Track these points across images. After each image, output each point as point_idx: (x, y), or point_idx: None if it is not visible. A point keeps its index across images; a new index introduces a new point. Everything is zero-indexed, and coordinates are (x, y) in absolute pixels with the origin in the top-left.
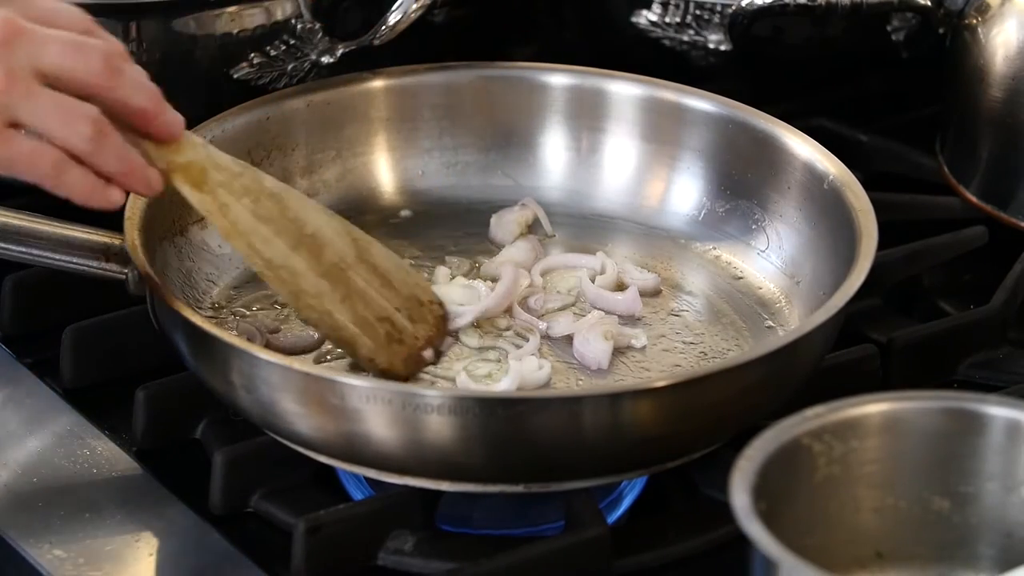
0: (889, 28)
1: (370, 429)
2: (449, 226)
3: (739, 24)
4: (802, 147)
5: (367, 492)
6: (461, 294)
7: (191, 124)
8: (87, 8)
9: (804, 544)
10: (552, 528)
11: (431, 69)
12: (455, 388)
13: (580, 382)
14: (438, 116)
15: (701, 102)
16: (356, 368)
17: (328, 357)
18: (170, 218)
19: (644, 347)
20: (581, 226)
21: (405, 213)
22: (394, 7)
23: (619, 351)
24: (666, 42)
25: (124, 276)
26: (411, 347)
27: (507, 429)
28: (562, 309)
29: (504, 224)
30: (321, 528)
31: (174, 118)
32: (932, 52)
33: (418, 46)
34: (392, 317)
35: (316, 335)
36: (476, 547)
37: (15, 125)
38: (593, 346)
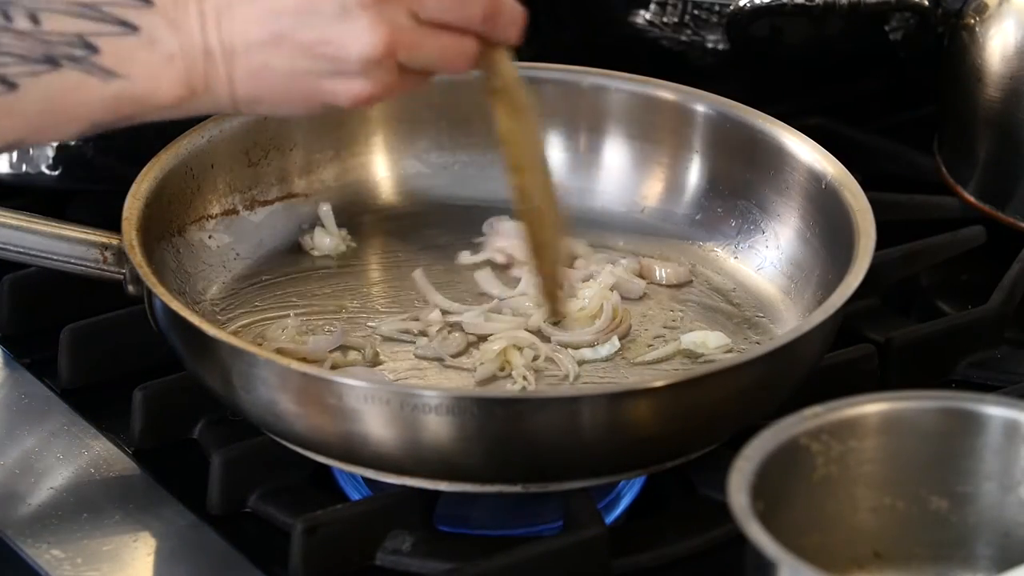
0: (887, 28)
1: (368, 429)
2: (447, 226)
3: (737, 24)
4: (800, 147)
5: (365, 492)
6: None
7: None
8: None
9: (802, 544)
10: (550, 528)
11: None
12: (453, 388)
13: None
14: (436, 116)
15: (698, 102)
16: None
17: None
18: (168, 218)
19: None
20: (577, 225)
21: (404, 213)
22: None
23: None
24: (664, 42)
25: (122, 276)
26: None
27: (505, 429)
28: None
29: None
30: (319, 528)
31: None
32: (930, 52)
33: None
34: None
35: None
36: (474, 547)
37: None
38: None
